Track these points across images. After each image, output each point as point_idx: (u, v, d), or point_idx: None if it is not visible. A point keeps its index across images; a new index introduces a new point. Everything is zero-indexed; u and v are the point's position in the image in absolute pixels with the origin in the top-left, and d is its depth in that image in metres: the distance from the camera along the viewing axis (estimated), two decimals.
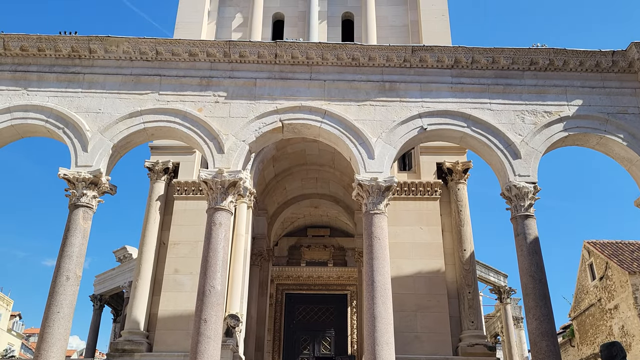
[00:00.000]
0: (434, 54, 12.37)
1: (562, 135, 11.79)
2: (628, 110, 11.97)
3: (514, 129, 11.84)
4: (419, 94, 12.24)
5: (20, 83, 12.10)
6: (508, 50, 12.30)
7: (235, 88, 12.24)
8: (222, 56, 12.37)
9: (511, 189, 11.33)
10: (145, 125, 11.82)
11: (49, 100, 11.93)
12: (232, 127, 11.79)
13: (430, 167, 15.95)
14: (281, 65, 12.43)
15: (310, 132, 12.23)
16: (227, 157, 11.50)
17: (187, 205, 15.33)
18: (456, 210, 15.39)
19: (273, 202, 20.51)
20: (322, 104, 12.06)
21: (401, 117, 11.96)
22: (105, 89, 12.12)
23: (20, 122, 11.77)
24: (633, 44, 12.05)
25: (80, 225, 10.86)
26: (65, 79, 12.19)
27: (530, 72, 12.37)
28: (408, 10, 19.52)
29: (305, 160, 18.73)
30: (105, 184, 11.45)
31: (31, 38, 12.14)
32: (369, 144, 11.63)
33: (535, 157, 11.59)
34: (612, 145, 11.90)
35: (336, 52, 12.35)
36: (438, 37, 17.78)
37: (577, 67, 12.31)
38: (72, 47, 12.22)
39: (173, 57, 12.36)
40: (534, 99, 12.17)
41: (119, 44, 12.26)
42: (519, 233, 11.07)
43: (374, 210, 11.09)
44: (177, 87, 12.21)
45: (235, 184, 11.26)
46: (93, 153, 11.45)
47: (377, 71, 12.44)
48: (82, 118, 11.71)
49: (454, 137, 12.21)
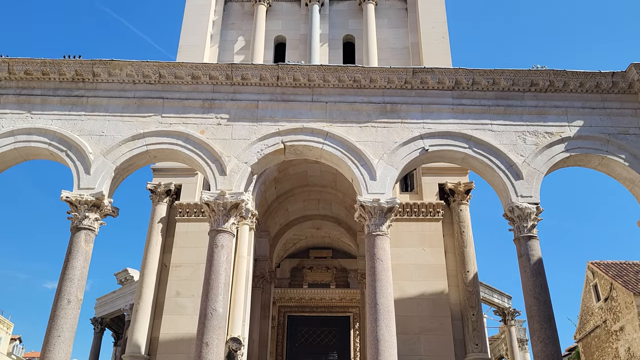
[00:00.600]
0: (434, 76, 12.45)
1: (564, 156, 11.80)
2: (629, 130, 12.00)
3: (515, 149, 11.86)
4: (420, 115, 12.29)
5: (24, 106, 12.20)
6: (508, 71, 12.38)
7: (238, 110, 12.32)
8: (224, 79, 12.47)
9: (514, 210, 11.31)
10: (147, 148, 11.87)
11: (52, 123, 12.01)
12: (234, 149, 11.83)
13: (433, 188, 15.94)
14: (283, 87, 12.52)
15: (312, 154, 12.26)
16: (229, 179, 11.52)
17: (189, 227, 15.30)
18: (459, 231, 15.33)
19: (275, 223, 20.47)
20: (323, 125, 12.12)
21: (403, 138, 12.00)
22: (108, 111, 12.21)
23: (23, 145, 11.83)
24: (632, 65, 12.12)
25: (82, 248, 10.84)
26: (68, 102, 12.28)
27: (530, 93, 12.44)
28: (408, 33, 19.73)
29: (307, 181, 18.74)
30: (108, 207, 11.46)
31: (35, 62, 12.27)
32: (371, 165, 11.64)
33: (537, 177, 11.59)
34: (614, 166, 11.90)
35: (337, 74, 12.45)
36: (438, 59, 17.93)
37: (578, 88, 12.37)
38: (76, 71, 12.34)
39: (176, 80, 12.46)
40: (534, 119, 12.21)
41: (122, 67, 12.38)
42: (523, 254, 11.01)
43: (376, 231, 11.05)
44: (180, 110, 12.29)
45: (237, 206, 11.26)
46: (96, 175, 11.48)
47: (379, 93, 12.52)
48: (85, 141, 11.77)
49: (455, 158, 12.23)
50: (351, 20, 20.50)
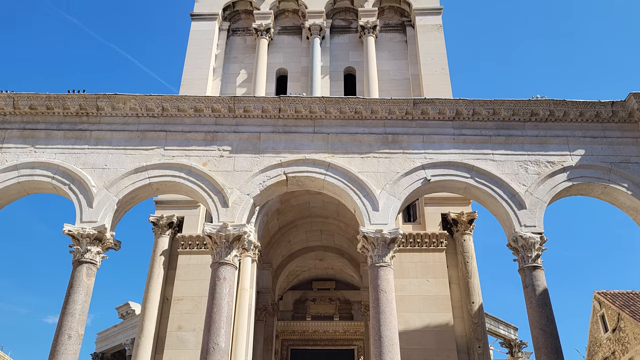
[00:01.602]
0: (435, 107, 12.55)
1: (566, 185, 11.79)
2: (631, 159, 12.00)
3: (517, 179, 11.86)
4: (422, 146, 12.34)
5: (28, 141, 12.30)
6: (508, 102, 12.47)
7: (240, 142, 12.39)
8: (226, 111, 12.58)
9: (517, 239, 11.24)
10: (150, 180, 11.91)
11: (56, 157, 12.08)
12: (237, 181, 11.85)
13: (435, 218, 15.88)
14: (285, 119, 12.61)
15: (314, 185, 12.27)
16: (232, 210, 11.50)
17: (191, 260, 15.22)
18: (463, 262, 15.21)
19: (278, 255, 20.36)
20: (325, 156, 12.16)
21: (405, 168, 12.01)
22: (111, 145, 12.29)
23: (26, 179, 11.88)
24: (632, 95, 12.21)
25: (84, 282, 10.77)
26: (72, 135, 12.38)
27: (531, 122, 12.51)
28: (409, 65, 19.97)
29: (309, 212, 18.71)
30: (110, 240, 11.43)
31: (40, 97, 12.41)
32: (373, 195, 11.63)
33: (541, 207, 11.55)
34: (617, 195, 11.87)
35: (339, 105, 12.55)
36: (439, 89, 18.10)
37: (578, 118, 12.44)
38: (80, 105, 12.47)
39: (179, 113, 12.57)
40: (536, 149, 12.24)
41: (126, 101, 12.51)
42: (528, 285, 10.89)
43: (380, 262, 10.97)
44: (183, 142, 12.37)
45: (239, 238, 11.22)
46: (98, 209, 11.48)
47: (380, 124, 12.60)
48: (88, 174, 11.82)
49: (457, 188, 12.22)
50: (352, 52, 20.79)
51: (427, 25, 20.21)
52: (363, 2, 21.03)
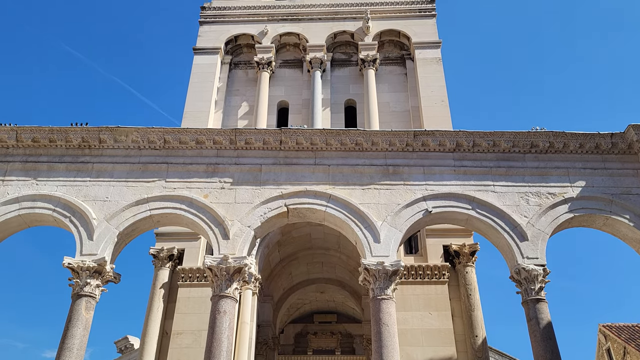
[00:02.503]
0: (435, 138, 12.62)
1: (568, 217, 11.75)
2: (632, 190, 12.00)
3: (519, 210, 11.83)
4: (423, 177, 12.36)
5: (30, 173, 12.34)
6: (508, 133, 12.55)
7: (241, 174, 12.42)
8: (228, 143, 12.65)
9: (520, 272, 11.15)
10: (151, 213, 11.89)
11: (57, 190, 12.10)
12: (238, 213, 11.84)
13: (437, 249, 15.78)
14: (286, 151, 12.67)
15: (315, 217, 12.25)
16: (233, 243, 11.46)
17: (191, 293, 15.08)
18: (465, 295, 15.05)
19: (278, 287, 20.17)
20: (326, 188, 12.17)
21: (406, 200, 12.01)
22: (113, 177, 12.32)
23: (27, 211, 11.88)
24: (630, 127, 12.28)
25: (82, 315, 10.65)
26: (74, 168, 12.43)
27: (531, 154, 12.55)
28: (409, 97, 20.15)
29: (310, 244, 18.61)
30: (110, 273, 11.35)
31: (43, 130, 12.51)
32: (375, 227, 11.60)
33: (543, 238, 11.49)
34: (618, 226, 11.82)
35: (340, 137, 12.62)
36: (439, 121, 18.22)
37: (578, 149, 12.49)
38: (83, 138, 12.56)
39: (180, 145, 12.65)
40: (536, 180, 12.25)
41: (128, 133, 12.60)
42: (532, 318, 10.76)
43: (382, 295, 10.87)
44: (184, 174, 12.40)
45: (240, 271, 11.15)
46: (98, 241, 11.44)
47: (381, 155, 12.64)
48: (89, 206, 11.82)
49: (459, 219, 12.19)
50: (352, 85, 21.02)
51: (427, 59, 20.48)
52: (363, 36, 21.36)
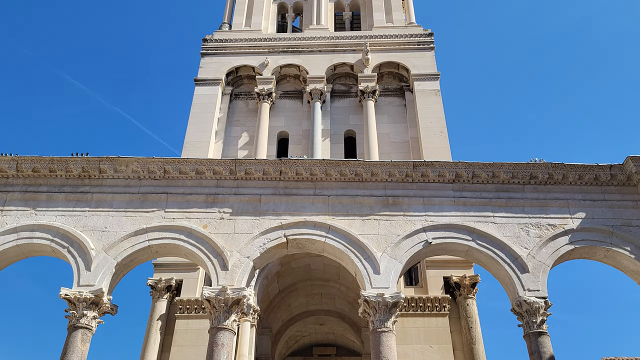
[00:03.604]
0: (435, 169, 12.65)
1: (569, 249, 11.69)
2: (632, 222, 11.97)
3: (519, 242, 11.78)
4: (423, 208, 12.34)
5: (30, 203, 12.32)
6: (507, 165, 12.58)
7: (241, 204, 12.41)
8: (228, 174, 12.68)
9: (521, 304, 11.03)
10: (150, 243, 11.83)
11: (56, 220, 12.06)
12: (237, 244, 11.78)
13: (438, 281, 15.65)
14: (286, 181, 12.69)
15: (314, 247, 12.19)
16: (231, 274, 11.37)
17: (188, 325, 14.89)
18: (466, 327, 14.86)
19: (277, 319, 19.91)
20: (326, 219, 12.14)
21: (405, 231, 11.97)
22: (112, 207, 12.30)
23: (25, 241, 11.81)
24: (629, 158, 12.32)
25: (78, 348, 10.49)
26: (74, 198, 12.42)
27: (530, 185, 12.56)
28: (408, 128, 20.29)
29: (309, 275, 18.46)
30: (107, 304, 11.23)
31: (44, 160, 12.54)
32: (374, 258, 11.53)
33: (544, 270, 11.41)
34: (620, 259, 11.75)
35: (339, 168, 12.65)
36: (438, 152, 18.31)
37: (577, 181, 12.50)
38: (83, 168, 12.58)
39: (180, 176, 12.67)
40: (536, 211, 12.23)
41: (128, 163, 12.63)
42: (534, 352, 10.60)
43: (382, 328, 10.73)
44: (183, 205, 12.39)
45: (238, 302, 11.03)
46: (96, 272, 11.35)
47: (380, 186, 12.65)
48: (87, 237, 11.76)
49: (459, 250, 12.12)
50: (352, 116, 21.19)
51: (426, 90, 20.69)
52: (363, 68, 21.63)
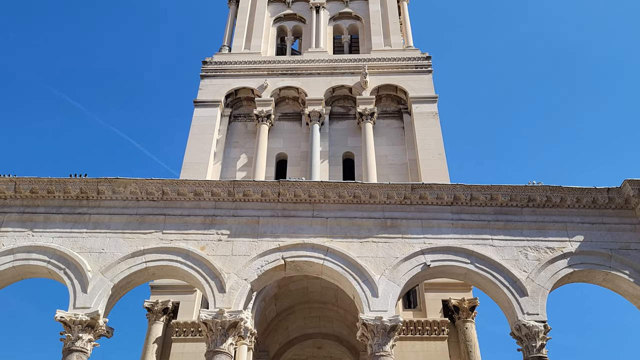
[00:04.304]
0: (433, 192, 12.65)
1: (567, 272, 11.63)
2: (630, 246, 11.93)
3: (518, 265, 11.73)
4: (421, 230, 12.31)
5: (27, 224, 12.27)
6: (505, 187, 12.58)
7: (239, 226, 12.37)
8: (226, 195, 12.66)
9: (521, 328, 10.93)
10: (147, 265, 11.76)
11: (53, 241, 12.00)
12: (235, 266, 11.71)
13: (436, 304, 15.53)
14: (284, 203, 12.67)
15: (312, 270, 12.12)
16: (229, 296, 11.28)
17: (185, 348, 14.72)
18: (465, 351, 14.71)
19: (274, 342, 19.70)
20: (324, 241, 12.10)
21: (404, 253, 11.92)
22: (110, 228, 12.25)
23: (22, 263, 11.73)
24: (627, 182, 12.34)
25: None
26: (71, 219, 12.38)
27: (528, 208, 12.55)
28: (406, 150, 20.36)
29: (307, 298, 18.32)
30: (102, 327, 11.11)
31: (42, 181, 12.53)
32: (373, 281, 11.46)
33: (543, 294, 11.33)
34: (619, 282, 11.69)
35: (338, 190, 12.65)
36: (436, 174, 18.34)
37: (575, 204, 12.50)
38: (81, 189, 12.56)
39: (178, 197, 12.65)
40: (535, 234, 12.20)
41: (126, 185, 12.62)
42: None
43: (380, 352, 10.62)
44: (181, 226, 12.35)
45: (236, 325, 10.93)
46: (92, 294, 11.25)
47: (379, 208, 12.64)
48: (84, 258, 11.69)
49: (458, 273, 12.06)
50: (350, 138, 21.27)
51: (424, 113, 20.81)
52: (361, 90, 21.78)
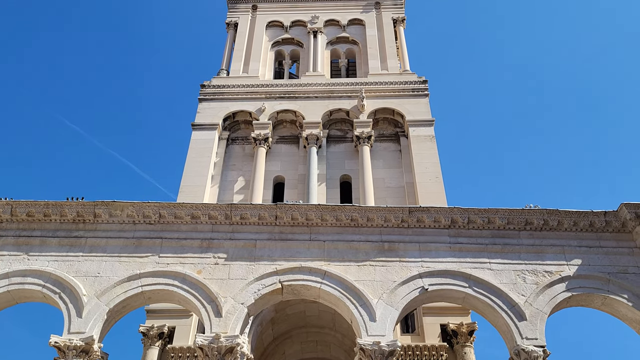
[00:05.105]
0: (430, 215, 12.65)
1: (566, 296, 11.57)
2: (628, 270, 11.90)
3: (516, 289, 11.67)
4: (418, 254, 12.28)
5: (22, 248, 12.21)
6: (502, 210, 12.60)
7: (236, 250, 12.33)
8: (223, 218, 12.65)
9: (520, 353, 10.83)
10: (143, 289, 11.67)
11: (48, 265, 11.93)
12: (231, 290, 11.64)
13: (435, 329, 15.39)
14: (281, 226, 12.65)
15: (310, 294, 12.05)
16: (225, 320, 11.19)
17: None
18: None
19: None
20: (321, 264, 12.05)
21: (401, 277, 11.86)
22: (106, 252, 12.19)
23: (17, 287, 11.63)
24: (623, 205, 12.36)
25: None
26: (67, 243, 12.32)
27: (526, 231, 12.55)
28: (403, 173, 20.40)
29: (305, 322, 18.16)
30: (97, 352, 10.98)
31: (39, 204, 12.51)
32: (370, 305, 11.38)
33: (542, 318, 11.26)
34: (617, 306, 11.63)
35: (335, 213, 12.65)
36: (434, 197, 18.34)
37: (572, 227, 12.50)
38: (78, 212, 12.54)
39: (175, 220, 12.63)
40: (532, 258, 12.18)
41: (123, 208, 12.60)
42: None
43: None
44: (178, 250, 12.30)
45: (232, 350, 10.81)
46: (87, 319, 11.14)
47: (376, 231, 12.62)
48: (79, 282, 11.61)
49: (456, 297, 11.99)
50: (347, 161, 21.34)
51: (420, 136, 20.92)
52: (358, 113, 21.92)
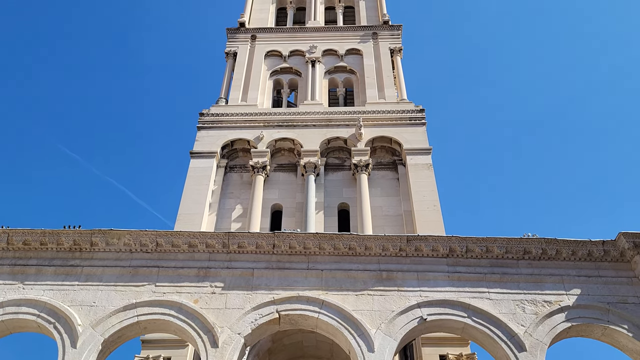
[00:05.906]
0: (428, 244, 12.63)
1: (565, 326, 11.45)
2: (628, 299, 11.83)
3: (515, 319, 11.58)
4: (417, 283, 12.21)
5: (18, 277, 12.10)
6: (501, 239, 12.59)
7: (233, 278, 12.25)
8: (220, 247, 12.60)
9: None
10: (138, 319, 11.55)
11: (44, 294, 11.81)
12: (228, 319, 11.52)
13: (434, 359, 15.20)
14: (279, 255, 12.60)
15: (307, 324, 11.93)
16: (222, 351, 11.04)
17: None
18: None
19: None
20: (319, 293, 11.97)
21: (400, 307, 11.77)
22: (102, 281, 12.10)
23: (11, 317, 11.49)
24: (621, 234, 12.35)
25: None
26: (63, 271, 12.23)
27: (524, 261, 12.51)
28: (401, 201, 20.41)
29: (302, 352, 17.91)
30: None
31: (35, 232, 12.46)
32: (368, 335, 11.27)
33: (542, 349, 11.12)
34: (617, 337, 11.51)
35: (333, 242, 12.62)
36: (432, 226, 18.31)
37: (571, 256, 12.47)
38: (74, 241, 12.48)
39: (172, 249, 12.57)
40: (531, 287, 12.11)
41: (120, 236, 12.56)
42: None
43: None
44: (175, 279, 12.21)
45: None
46: (82, 349, 10.98)
47: (374, 260, 12.57)
48: (75, 312, 11.48)
49: (455, 327, 11.88)
50: (345, 189, 21.37)
51: (418, 165, 21.00)
52: (356, 142, 22.05)
